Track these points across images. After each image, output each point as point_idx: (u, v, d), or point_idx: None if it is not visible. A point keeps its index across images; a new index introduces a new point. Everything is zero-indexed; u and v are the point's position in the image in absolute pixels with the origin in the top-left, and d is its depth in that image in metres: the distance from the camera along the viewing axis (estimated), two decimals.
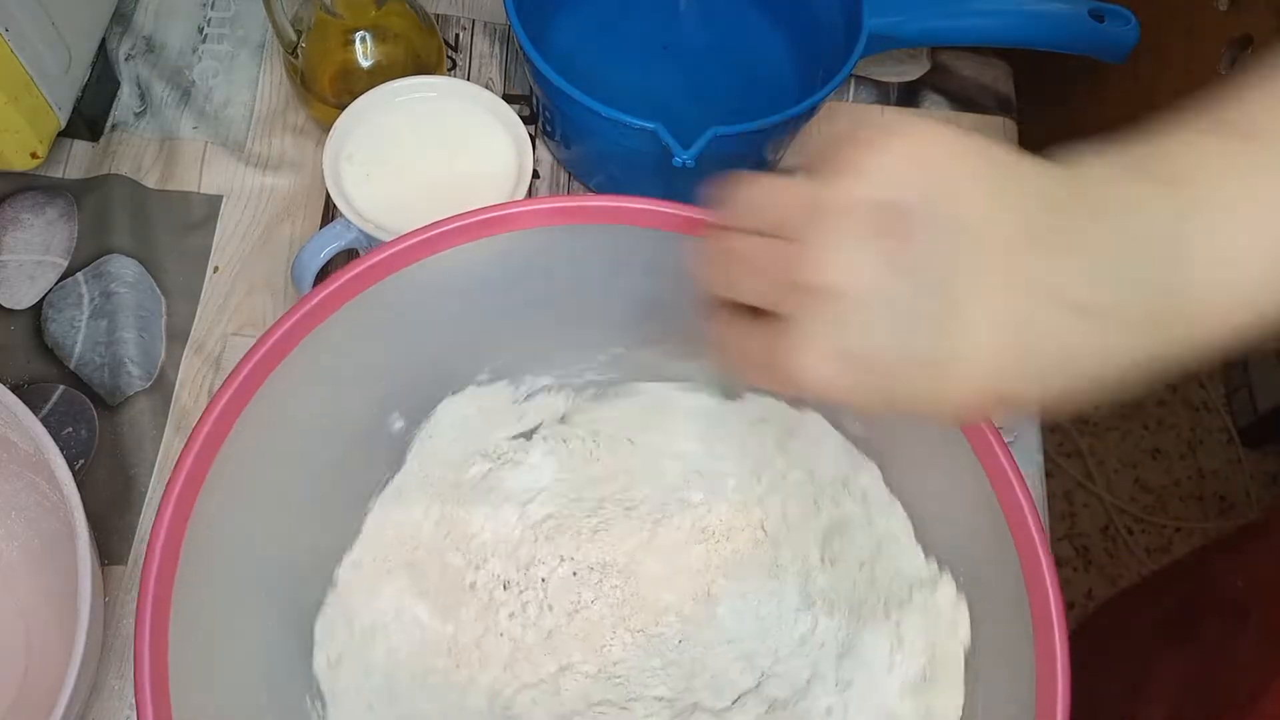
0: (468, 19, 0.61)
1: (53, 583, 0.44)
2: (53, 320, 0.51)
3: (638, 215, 0.38)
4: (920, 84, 0.62)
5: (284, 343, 0.35)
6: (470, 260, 0.38)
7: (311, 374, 0.36)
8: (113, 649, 0.44)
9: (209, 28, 0.59)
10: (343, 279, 0.36)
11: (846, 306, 0.26)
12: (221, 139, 0.56)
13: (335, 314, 0.36)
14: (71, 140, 0.55)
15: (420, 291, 0.38)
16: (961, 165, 0.26)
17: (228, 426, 0.34)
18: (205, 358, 0.51)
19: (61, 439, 0.47)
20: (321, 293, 0.36)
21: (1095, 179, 0.26)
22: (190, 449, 0.33)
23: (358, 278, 0.36)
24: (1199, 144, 0.26)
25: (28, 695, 0.42)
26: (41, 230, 0.53)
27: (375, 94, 0.47)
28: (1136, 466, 1.29)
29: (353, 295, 0.36)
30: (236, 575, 0.36)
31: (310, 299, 0.35)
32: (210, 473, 0.33)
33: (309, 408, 0.38)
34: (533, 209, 0.37)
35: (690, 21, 0.60)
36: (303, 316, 0.35)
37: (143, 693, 0.30)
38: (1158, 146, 0.26)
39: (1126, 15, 0.54)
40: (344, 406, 0.39)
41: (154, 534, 0.32)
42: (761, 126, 0.48)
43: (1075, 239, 0.25)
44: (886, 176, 0.26)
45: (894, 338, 0.26)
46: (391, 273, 0.37)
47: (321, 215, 0.55)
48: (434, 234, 0.37)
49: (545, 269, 0.39)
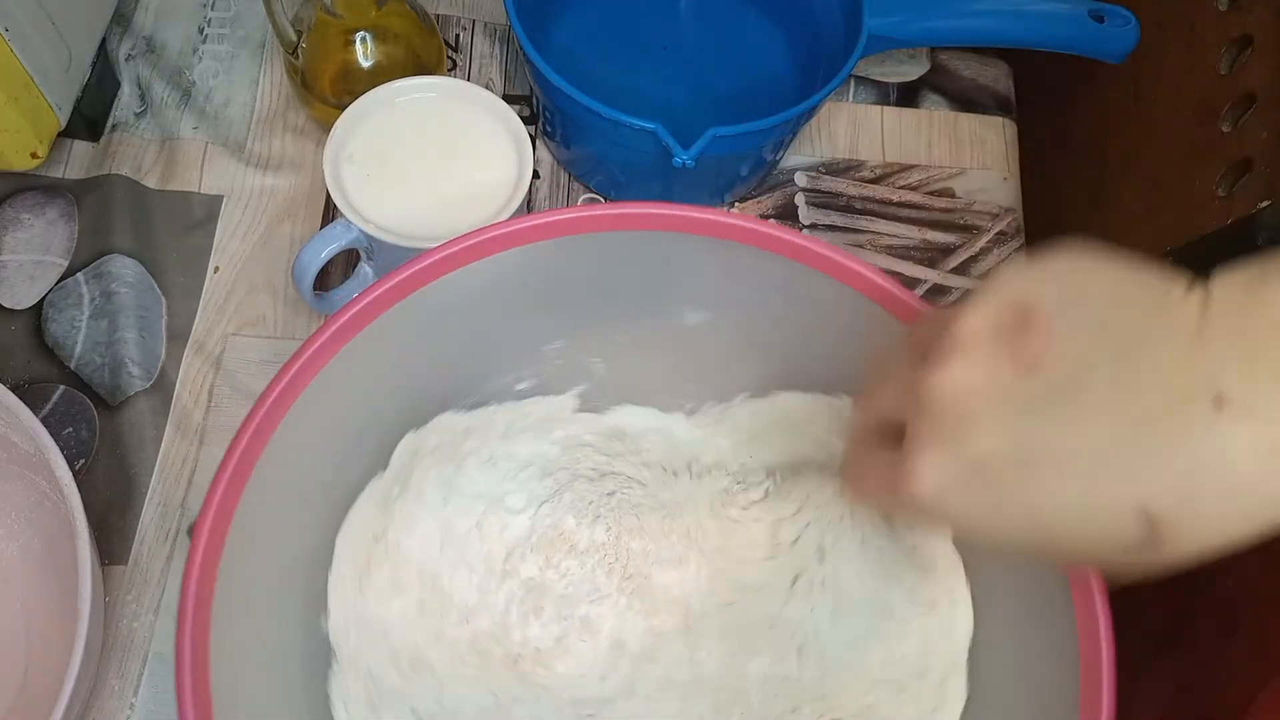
0: (468, 19, 0.61)
1: (53, 583, 0.44)
2: (53, 320, 0.51)
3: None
4: (920, 84, 0.62)
5: (349, 327, 0.35)
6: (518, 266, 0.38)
7: (374, 363, 0.37)
8: (113, 649, 0.45)
9: (209, 28, 0.59)
10: (413, 269, 0.36)
11: (962, 411, 0.24)
12: (222, 139, 0.56)
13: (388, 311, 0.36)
14: (72, 140, 0.55)
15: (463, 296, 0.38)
16: (1100, 273, 0.24)
17: (275, 423, 0.34)
18: (206, 358, 0.51)
19: (61, 439, 0.47)
20: (376, 291, 0.36)
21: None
22: (226, 468, 0.33)
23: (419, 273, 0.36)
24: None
25: (28, 695, 0.42)
26: (42, 230, 0.53)
27: (375, 94, 0.47)
28: None
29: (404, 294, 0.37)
30: (269, 576, 0.36)
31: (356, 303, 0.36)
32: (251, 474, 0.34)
33: (354, 405, 0.38)
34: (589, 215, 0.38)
35: (690, 21, 0.60)
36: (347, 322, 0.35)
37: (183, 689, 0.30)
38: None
39: (1126, 15, 0.54)
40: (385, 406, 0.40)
41: (197, 530, 0.32)
42: (761, 126, 0.48)
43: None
44: (1019, 284, 0.25)
45: (1015, 442, 0.23)
46: (436, 278, 0.37)
47: (322, 215, 0.55)
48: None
49: (593, 272, 0.40)
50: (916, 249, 0.57)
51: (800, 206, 0.58)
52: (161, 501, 0.48)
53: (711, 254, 0.38)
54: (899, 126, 0.60)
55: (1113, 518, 0.23)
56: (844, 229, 0.57)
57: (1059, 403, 0.23)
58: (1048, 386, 0.23)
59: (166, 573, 0.46)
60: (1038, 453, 0.23)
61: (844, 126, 0.60)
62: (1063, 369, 0.23)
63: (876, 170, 0.59)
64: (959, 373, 0.24)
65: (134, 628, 0.45)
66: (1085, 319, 0.24)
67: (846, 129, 0.60)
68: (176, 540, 0.47)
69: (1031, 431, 0.23)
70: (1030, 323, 0.24)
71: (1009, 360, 0.24)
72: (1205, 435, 0.21)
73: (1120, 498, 0.22)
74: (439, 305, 0.37)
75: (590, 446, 0.45)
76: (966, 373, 0.24)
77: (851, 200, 0.58)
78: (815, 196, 0.58)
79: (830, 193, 0.58)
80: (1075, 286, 0.24)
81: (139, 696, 0.44)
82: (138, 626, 0.45)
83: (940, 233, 0.57)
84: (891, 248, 0.57)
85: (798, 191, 0.58)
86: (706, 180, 0.55)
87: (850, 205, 0.58)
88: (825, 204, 0.58)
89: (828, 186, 0.58)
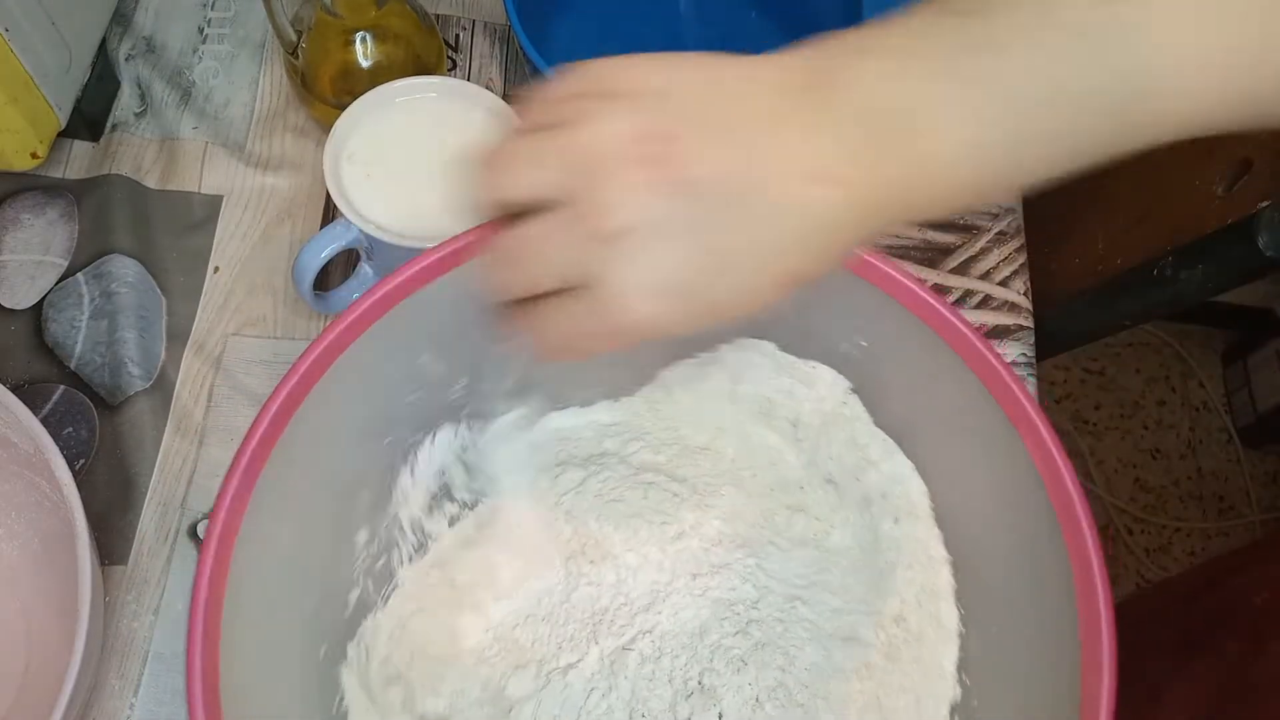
0: (468, 19, 0.61)
1: (53, 583, 0.44)
2: (53, 320, 0.51)
3: None
4: None
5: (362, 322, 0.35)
6: None
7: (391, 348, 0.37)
8: (113, 649, 0.45)
9: (209, 28, 0.59)
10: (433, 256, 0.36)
11: (647, 239, 0.26)
12: (222, 139, 0.56)
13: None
14: (72, 140, 0.55)
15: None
16: (693, 68, 0.28)
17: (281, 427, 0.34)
18: (205, 358, 0.51)
19: (61, 439, 0.47)
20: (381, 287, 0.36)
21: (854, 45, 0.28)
22: (235, 469, 0.33)
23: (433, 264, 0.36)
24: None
25: (28, 695, 0.42)
26: (42, 230, 0.53)
27: (375, 94, 0.47)
28: (1136, 466, 1.29)
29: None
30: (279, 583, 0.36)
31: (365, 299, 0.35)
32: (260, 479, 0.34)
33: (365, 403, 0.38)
34: None
35: (690, 22, 0.60)
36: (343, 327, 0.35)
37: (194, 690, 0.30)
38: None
39: None
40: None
41: (208, 536, 0.32)
42: None
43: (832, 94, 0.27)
44: (630, 103, 0.27)
45: (705, 254, 0.27)
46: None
47: (321, 215, 0.55)
48: None
49: None
50: (916, 249, 0.57)
51: None
52: (161, 501, 0.48)
53: None
54: None
55: (767, 289, 0.28)
56: None
57: (719, 210, 0.26)
58: (699, 194, 0.26)
59: (166, 573, 0.46)
60: (718, 257, 0.27)
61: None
62: (704, 174, 0.26)
63: None
64: (618, 197, 0.26)
65: (134, 628, 0.45)
66: (712, 133, 0.27)
67: None
68: (176, 540, 0.47)
69: (709, 242, 0.27)
70: (661, 140, 0.26)
71: (659, 177, 0.26)
72: (817, 203, 0.27)
73: (773, 288, 0.28)
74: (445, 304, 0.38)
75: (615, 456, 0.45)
76: (625, 196, 0.26)
77: None
78: None
79: None
80: (681, 85, 0.27)
81: (139, 696, 0.44)
82: (138, 627, 0.45)
83: (940, 232, 0.57)
84: (891, 247, 0.57)
85: None
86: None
87: None
88: None
89: None
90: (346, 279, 0.51)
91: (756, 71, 0.28)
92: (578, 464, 0.45)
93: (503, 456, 0.44)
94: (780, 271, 0.27)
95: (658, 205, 0.26)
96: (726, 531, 0.44)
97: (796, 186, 0.26)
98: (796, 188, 0.26)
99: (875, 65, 0.27)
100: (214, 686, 0.31)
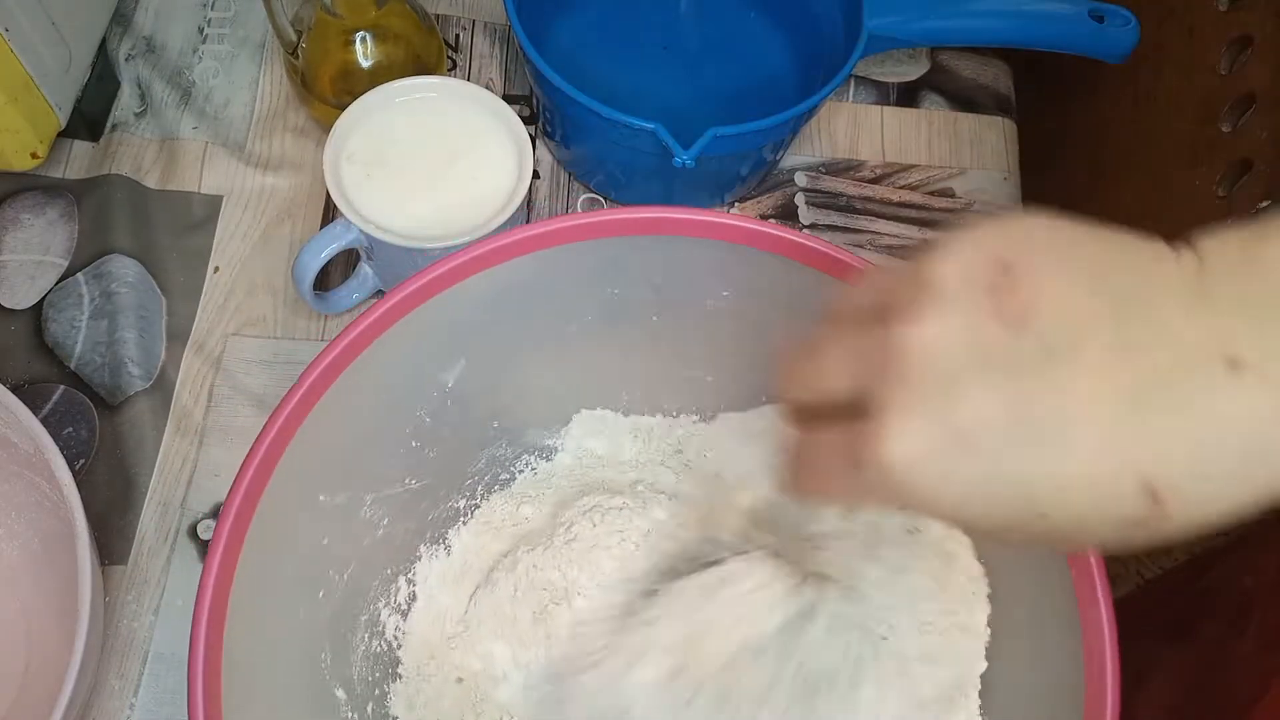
0: (468, 19, 0.61)
1: (53, 583, 0.44)
2: (53, 320, 0.51)
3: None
4: (920, 84, 0.62)
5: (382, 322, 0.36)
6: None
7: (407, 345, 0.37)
8: (113, 649, 0.45)
9: (209, 28, 0.59)
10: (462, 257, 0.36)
11: (944, 371, 0.21)
12: (222, 139, 0.56)
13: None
14: (72, 140, 0.55)
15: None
16: (1079, 232, 0.23)
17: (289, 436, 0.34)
18: (205, 358, 0.51)
19: (61, 439, 0.47)
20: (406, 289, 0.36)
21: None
22: (241, 481, 0.33)
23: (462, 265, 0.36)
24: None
25: (28, 694, 0.42)
26: (42, 230, 0.53)
27: (375, 94, 0.47)
28: None
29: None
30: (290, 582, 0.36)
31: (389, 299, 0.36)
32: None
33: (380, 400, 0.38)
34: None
35: (690, 21, 0.60)
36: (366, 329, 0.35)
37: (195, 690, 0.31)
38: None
39: (1126, 15, 0.54)
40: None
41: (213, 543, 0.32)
42: (761, 126, 0.48)
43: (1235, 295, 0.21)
44: (996, 234, 0.22)
45: (1005, 407, 0.21)
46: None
47: (321, 215, 0.55)
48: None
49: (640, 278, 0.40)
50: (917, 249, 0.57)
51: (800, 206, 0.58)
52: (161, 501, 0.48)
53: (729, 253, 0.38)
54: (899, 126, 0.60)
55: (1115, 490, 0.21)
56: (844, 229, 0.57)
57: (1053, 364, 0.21)
58: (1039, 346, 0.21)
59: (166, 573, 0.46)
60: (1032, 419, 0.21)
61: (844, 126, 0.60)
62: (1055, 327, 0.21)
63: (876, 170, 0.59)
64: (937, 327, 0.21)
65: (134, 628, 0.45)
66: (1073, 274, 0.21)
67: (846, 129, 0.60)
68: (176, 540, 0.47)
69: (1024, 395, 0.21)
70: (1015, 275, 0.21)
71: (993, 316, 0.21)
72: (1218, 400, 0.20)
73: (1125, 468, 0.20)
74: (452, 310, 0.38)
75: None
76: (946, 327, 0.21)
77: (852, 200, 0.58)
78: (815, 196, 0.58)
79: (830, 193, 0.58)
80: (1056, 242, 0.22)
81: (139, 696, 0.44)
82: (138, 626, 0.45)
83: (940, 233, 0.57)
84: (892, 247, 0.57)
85: (798, 191, 0.58)
86: (706, 180, 0.55)
87: (850, 205, 0.58)
88: (825, 204, 0.58)
89: (828, 186, 0.58)
90: (346, 279, 0.51)
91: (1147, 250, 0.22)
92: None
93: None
94: (1152, 476, 0.21)
95: (976, 333, 0.21)
96: None
97: (1209, 370, 0.21)
98: (1209, 371, 0.21)
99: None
100: (215, 688, 0.31)
